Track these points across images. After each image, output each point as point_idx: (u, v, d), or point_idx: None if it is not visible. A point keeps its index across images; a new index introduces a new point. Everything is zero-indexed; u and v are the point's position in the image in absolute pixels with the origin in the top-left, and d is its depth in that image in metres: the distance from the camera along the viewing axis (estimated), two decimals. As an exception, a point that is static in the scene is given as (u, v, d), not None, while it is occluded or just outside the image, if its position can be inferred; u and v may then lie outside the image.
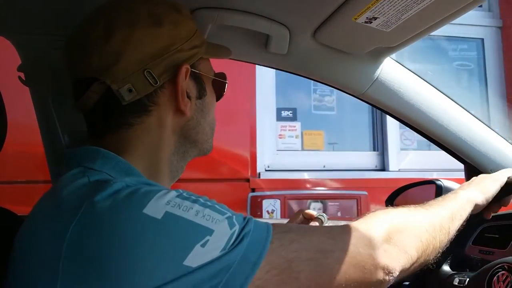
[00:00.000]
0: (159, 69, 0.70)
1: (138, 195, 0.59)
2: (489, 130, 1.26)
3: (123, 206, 0.58)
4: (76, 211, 0.58)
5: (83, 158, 0.69)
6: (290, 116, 3.08)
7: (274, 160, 2.97)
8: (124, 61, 0.68)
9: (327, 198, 2.76)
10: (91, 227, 0.57)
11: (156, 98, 0.72)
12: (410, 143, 3.16)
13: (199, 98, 0.78)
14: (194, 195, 0.62)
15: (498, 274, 0.92)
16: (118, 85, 0.68)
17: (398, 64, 1.21)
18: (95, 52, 0.69)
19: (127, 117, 0.71)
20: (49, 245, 0.58)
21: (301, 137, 3.08)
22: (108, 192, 0.59)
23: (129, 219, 0.57)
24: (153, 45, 0.70)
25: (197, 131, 0.79)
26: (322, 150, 3.10)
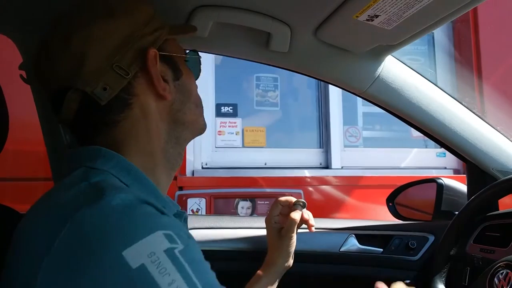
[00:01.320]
0: (127, 60, 0.69)
1: (125, 230, 0.54)
2: (492, 128, 1.26)
3: (105, 238, 0.54)
4: (64, 223, 0.55)
5: (85, 158, 0.69)
6: (231, 112, 3.00)
7: (212, 158, 2.91)
8: (90, 61, 0.67)
9: (257, 197, 2.70)
10: (72, 246, 0.54)
11: (132, 89, 0.71)
12: (355, 140, 3.09)
13: (176, 79, 0.77)
14: (190, 253, 0.56)
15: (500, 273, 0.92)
16: (92, 87, 0.67)
17: (400, 62, 1.20)
18: (59, 60, 0.68)
19: (111, 116, 0.70)
20: (31, 254, 0.56)
21: (241, 134, 3.01)
22: (98, 212, 0.56)
23: (106, 256, 0.53)
24: (113, 38, 0.69)
25: (184, 112, 0.78)
26: (264, 147, 3.01)
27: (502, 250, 1.07)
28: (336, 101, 3.00)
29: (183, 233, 0.58)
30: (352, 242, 1.37)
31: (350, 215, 2.78)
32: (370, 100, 1.25)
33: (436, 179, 1.45)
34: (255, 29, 1.05)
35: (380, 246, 1.37)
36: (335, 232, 1.40)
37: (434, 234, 1.35)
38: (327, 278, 1.39)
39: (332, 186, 2.84)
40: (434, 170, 3.01)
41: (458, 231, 1.17)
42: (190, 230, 1.35)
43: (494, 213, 1.20)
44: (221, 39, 1.12)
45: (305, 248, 1.35)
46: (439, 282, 1.12)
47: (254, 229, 1.38)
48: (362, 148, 3.09)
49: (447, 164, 3.08)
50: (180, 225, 0.61)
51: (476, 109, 1.27)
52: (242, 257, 1.35)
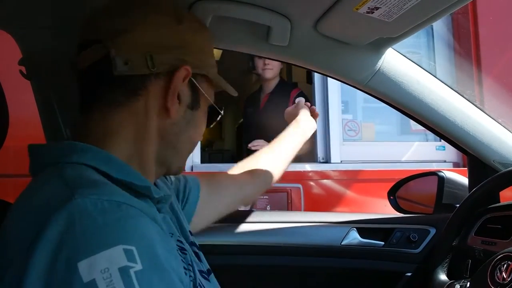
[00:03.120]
0: (161, 59, 0.70)
1: (82, 238, 0.52)
2: (492, 121, 1.26)
3: (66, 246, 0.51)
4: (36, 229, 0.53)
5: (61, 153, 0.66)
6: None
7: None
8: (134, 35, 0.69)
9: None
10: (39, 252, 0.52)
11: (148, 83, 0.71)
12: (354, 134, 3.07)
13: (190, 108, 0.76)
14: (147, 275, 0.53)
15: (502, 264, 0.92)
16: (117, 53, 0.68)
17: (400, 55, 1.20)
18: (110, 18, 0.70)
19: (115, 92, 0.70)
20: (11, 257, 0.54)
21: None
22: (65, 218, 0.53)
23: (62, 263, 0.51)
24: (166, 36, 0.71)
25: (177, 139, 0.76)
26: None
27: (503, 242, 1.07)
28: (335, 95, 2.99)
29: (148, 250, 0.54)
30: (354, 235, 1.37)
31: (350, 209, 2.78)
32: (371, 93, 1.25)
33: (437, 172, 1.45)
34: (255, 23, 1.05)
35: (382, 239, 1.38)
36: (337, 225, 1.40)
37: (435, 227, 1.35)
38: (329, 272, 1.39)
39: (331, 180, 2.84)
40: (434, 164, 3.01)
41: (459, 224, 1.17)
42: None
43: (495, 205, 1.20)
44: (221, 33, 1.11)
45: (307, 241, 1.36)
46: (440, 273, 1.13)
47: (253, 224, 1.39)
48: (361, 142, 3.08)
49: (446, 158, 3.08)
50: (149, 238, 0.56)
51: (476, 101, 1.27)
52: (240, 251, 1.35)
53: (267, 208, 2.66)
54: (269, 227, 1.38)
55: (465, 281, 1.01)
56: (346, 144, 3.02)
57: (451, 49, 3.21)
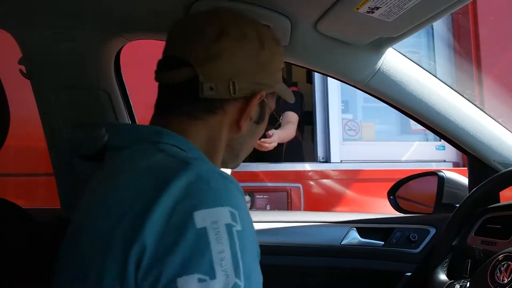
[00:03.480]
0: (243, 84, 0.79)
1: (201, 194, 0.64)
2: (492, 120, 1.26)
3: (186, 198, 0.63)
4: (160, 189, 0.63)
5: (149, 134, 0.76)
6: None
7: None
8: (221, 64, 0.76)
9: (255, 191, 2.69)
10: (168, 208, 0.62)
11: (226, 105, 0.80)
12: (354, 134, 3.06)
13: (256, 122, 0.87)
14: (244, 236, 0.64)
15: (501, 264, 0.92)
16: (205, 79, 0.76)
17: (400, 54, 1.20)
18: (202, 45, 0.77)
19: (196, 109, 0.79)
20: (127, 215, 0.63)
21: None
22: (184, 180, 0.64)
23: (181, 212, 0.62)
24: (250, 64, 0.79)
25: (241, 147, 0.88)
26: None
27: (503, 242, 1.07)
28: (335, 94, 2.98)
29: (246, 218, 0.66)
30: (353, 235, 1.37)
31: (350, 209, 2.78)
32: (371, 93, 1.25)
33: (437, 172, 1.45)
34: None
35: (381, 239, 1.38)
36: (336, 225, 1.40)
37: (435, 227, 1.35)
38: (329, 271, 1.39)
39: (331, 180, 2.84)
40: (434, 163, 3.01)
41: (459, 224, 1.17)
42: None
43: (495, 205, 1.20)
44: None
45: (307, 241, 1.36)
46: (440, 273, 1.13)
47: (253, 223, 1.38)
48: (361, 142, 3.08)
49: (446, 157, 3.08)
50: (246, 208, 0.68)
51: (476, 101, 1.27)
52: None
53: (266, 208, 2.66)
54: (268, 227, 1.39)
55: (465, 281, 1.01)
56: (346, 144, 3.01)
57: (451, 49, 3.20)
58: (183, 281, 0.59)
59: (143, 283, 0.60)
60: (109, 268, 0.62)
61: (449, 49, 3.20)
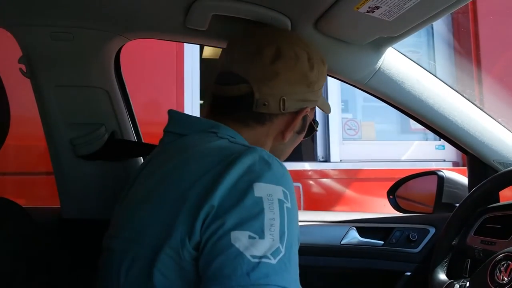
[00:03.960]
0: (291, 102, 0.89)
1: (261, 171, 0.73)
2: (492, 120, 1.26)
3: (250, 172, 0.73)
4: (228, 165, 0.73)
5: (207, 126, 0.86)
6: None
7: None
8: (275, 83, 0.86)
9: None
10: (236, 179, 0.72)
11: (275, 119, 0.90)
12: (354, 133, 3.08)
13: (297, 132, 0.97)
14: (292, 212, 0.73)
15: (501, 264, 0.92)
16: (260, 96, 0.86)
17: (400, 54, 1.20)
18: (260, 65, 0.86)
19: (248, 118, 0.89)
20: (201, 184, 0.73)
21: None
22: (251, 157, 0.75)
23: (245, 180, 0.72)
24: (300, 83, 0.89)
25: (280, 154, 0.97)
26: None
27: (502, 242, 1.07)
28: (335, 93, 2.98)
29: (294, 200, 0.75)
30: (353, 235, 1.38)
31: (350, 208, 2.78)
32: (371, 93, 1.25)
33: (437, 172, 1.45)
34: (255, 21, 1.05)
35: (381, 239, 1.38)
36: (336, 225, 1.40)
37: (435, 227, 1.35)
38: (328, 271, 1.39)
39: (331, 179, 2.84)
40: (434, 163, 3.01)
41: (459, 223, 1.17)
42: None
43: (495, 205, 1.20)
44: (221, 32, 1.11)
45: (306, 241, 1.36)
46: (440, 273, 1.13)
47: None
48: (361, 141, 3.08)
49: (446, 157, 3.08)
50: (294, 194, 0.77)
51: (476, 101, 1.27)
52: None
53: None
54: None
55: (465, 280, 1.02)
56: (346, 143, 3.02)
57: (451, 48, 3.20)
58: (236, 234, 0.67)
59: (204, 234, 0.69)
60: (181, 222, 0.71)
61: (449, 49, 3.20)
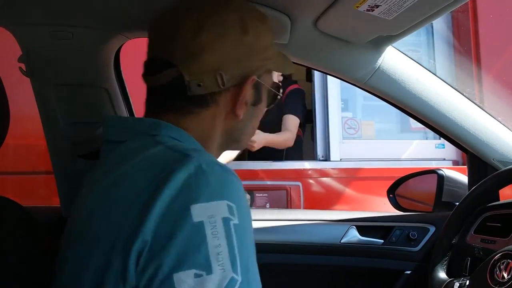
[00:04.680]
0: (230, 74, 0.76)
1: (199, 188, 0.63)
2: (492, 119, 1.26)
3: (184, 191, 0.62)
4: (161, 184, 0.63)
5: (148, 127, 0.75)
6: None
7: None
8: (203, 59, 0.74)
9: (255, 189, 2.69)
10: (169, 201, 0.62)
11: (218, 97, 0.77)
12: (353, 132, 3.06)
13: (253, 104, 0.83)
14: (242, 229, 0.64)
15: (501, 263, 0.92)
16: (190, 77, 0.74)
17: (400, 53, 1.20)
18: (181, 44, 0.74)
19: (187, 105, 0.77)
20: (133, 205, 0.63)
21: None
22: (185, 172, 0.64)
23: (178, 204, 0.61)
24: (234, 52, 0.76)
25: (241, 132, 0.85)
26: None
27: (502, 240, 1.07)
28: (335, 92, 2.98)
29: (244, 211, 0.65)
30: (353, 233, 1.38)
31: (350, 207, 2.79)
32: (371, 91, 1.25)
33: (437, 170, 1.45)
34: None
35: (381, 238, 1.38)
36: (336, 224, 1.40)
37: (435, 225, 1.35)
38: (328, 270, 1.39)
39: (331, 178, 2.84)
40: (433, 162, 3.01)
41: (458, 222, 1.17)
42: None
43: (495, 203, 1.20)
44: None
45: (306, 240, 1.36)
46: (440, 271, 1.13)
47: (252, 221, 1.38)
48: (361, 140, 3.08)
49: (446, 156, 3.08)
50: (245, 201, 0.67)
51: (476, 100, 1.27)
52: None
53: (266, 206, 2.66)
54: (268, 225, 1.39)
55: (465, 279, 1.02)
56: (346, 142, 3.01)
57: (451, 47, 3.20)
58: (179, 276, 0.58)
59: (141, 279, 0.59)
60: (112, 266, 0.61)
61: (449, 48, 3.20)
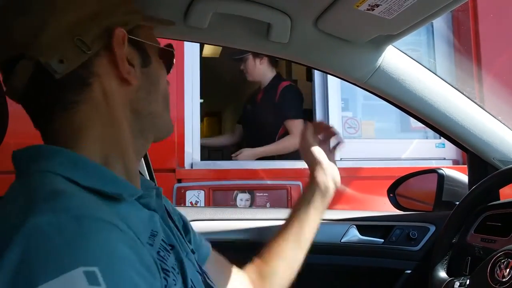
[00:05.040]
0: (91, 35, 0.64)
1: (41, 259, 0.47)
2: (492, 118, 1.26)
3: (25, 268, 0.47)
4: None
5: (28, 160, 0.63)
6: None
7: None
8: (49, 30, 0.62)
9: (255, 189, 2.69)
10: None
11: (93, 67, 0.65)
12: (354, 132, 3.07)
13: (144, 66, 0.72)
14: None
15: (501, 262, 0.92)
16: (47, 57, 0.61)
17: (401, 52, 1.20)
18: (16, 27, 0.62)
19: (67, 95, 0.65)
20: None
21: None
22: (21, 237, 0.49)
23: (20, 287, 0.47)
24: (79, 10, 0.64)
25: (148, 102, 0.72)
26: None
27: (503, 240, 1.07)
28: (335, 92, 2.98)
29: (112, 270, 0.48)
30: (353, 233, 1.38)
31: (350, 207, 2.78)
32: (371, 91, 1.25)
33: (437, 170, 1.45)
34: (255, 20, 1.04)
35: (381, 237, 1.38)
36: (336, 223, 1.40)
37: (435, 225, 1.35)
38: (329, 269, 1.39)
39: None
40: (434, 161, 3.01)
41: (459, 221, 1.17)
42: (190, 222, 1.35)
43: (495, 202, 1.20)
44: (221, 30, 1.11)
45: (306, 239, 1.36)
46: (440, 270, 1.13)
47: (253, 221, 1.39)
48: (361, 140, 3.08)
49: (446, 155, 3.08)
50: (115, 255, 0.50)
51: (476, 99, 1.27)
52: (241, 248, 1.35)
53: (266, 206, 2.66)
54: (268, 225, 1.39)
55: (465, 278, 1.02)
56: (346, 142, 3.00)
57: (451, 46, 3.20)
58: None
59: None
60: None
61: (449, 47, 3.20)
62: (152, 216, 0.70)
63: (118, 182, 0.64)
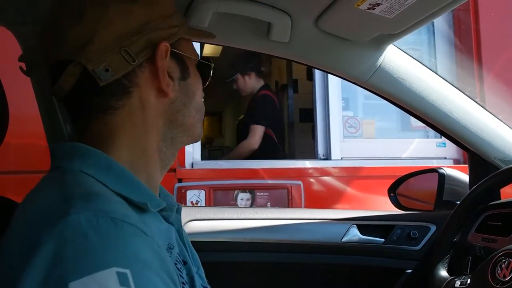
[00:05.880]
0: (137, 47, 0.67)
1: (75, 257, 0.49)
2: (493, 117, 1.26)
3: (59, 264, 0.49)
4: (35, 245, 0.51)
5: (63, 156, 0.67)
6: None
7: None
8: (98, 39, 0.65)
9: (256, 188, 2.69)
10: (40, 268, 0.50)
11: (135, 78, 0.69)
12: (354, 131, 3.07)
13: (182, 79, 0.75)
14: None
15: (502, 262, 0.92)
16: (94, 65, 0.65)
17: (401, 51, 1.20)
18: (68, 34, 0.66)
19: (108, 100, 0.68)
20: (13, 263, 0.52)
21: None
22: (58, 234, 0.51)
23: (53, 282, 0.49)
24: (128, 22, 0.67)
25: (183, 114, 0.75)
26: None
27: (503, 239, 1.07)
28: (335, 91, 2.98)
29: (142, 274, 0.51)
30: (354, 232, 1.37)
31: (350, 206, 2.79)
32: (372, 90, 1.25)
33: (438, 169, 1.44)
34: (256, 19, 1.05)
35: (382, 236, 1.37)
36: (337, 222, 1.40)
37: (435, 224, 1.35)
38: (329, 268, 1.39)
39: (332, 177, 2.84)
40: (434, 160, 3.01)
41: (460, 221, 1.17)
42: (190, 222, 1.35)
43: (496, 202, 1.20)
44: (221, 29, 1.11)
45: (307, 238, 1.36)
46: (441, 269, 1.13)
47: (254, 220, 1.39)
48: (362, 139, 3.08)
49: (447, 154, 3.08)
50: (145, 260, 0.53)
51: (477, 98, 1.26)
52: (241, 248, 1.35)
53: (267, 205, 2.66)
54: (269, 224, 1.39)
55: (466, 277, 1.01)
56: (347, 141, 3.02)
57: (452, 45, 3.20)
58: None
59: None
60: None
61: (450, 46, 3.20)
62: (170, 229, 0.73)
63: (146, 192, 0.68)
